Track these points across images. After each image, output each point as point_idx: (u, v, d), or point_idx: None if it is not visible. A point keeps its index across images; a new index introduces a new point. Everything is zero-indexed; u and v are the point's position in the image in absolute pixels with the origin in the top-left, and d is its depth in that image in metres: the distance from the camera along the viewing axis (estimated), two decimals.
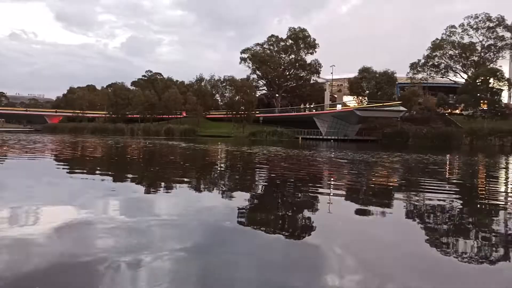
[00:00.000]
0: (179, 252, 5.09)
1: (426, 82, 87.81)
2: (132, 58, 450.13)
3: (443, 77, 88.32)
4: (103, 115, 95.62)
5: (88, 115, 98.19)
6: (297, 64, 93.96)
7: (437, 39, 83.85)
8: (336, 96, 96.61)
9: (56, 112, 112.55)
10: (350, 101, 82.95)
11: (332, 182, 13.59)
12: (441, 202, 9.33)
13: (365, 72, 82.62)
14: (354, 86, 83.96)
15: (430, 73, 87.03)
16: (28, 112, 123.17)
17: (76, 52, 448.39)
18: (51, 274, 4.25)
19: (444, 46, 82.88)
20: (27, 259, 4.70)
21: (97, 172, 15.26)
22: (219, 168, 18.09)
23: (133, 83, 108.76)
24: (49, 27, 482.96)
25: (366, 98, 79.47)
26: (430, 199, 9.77)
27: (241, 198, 9.41)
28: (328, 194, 10.56)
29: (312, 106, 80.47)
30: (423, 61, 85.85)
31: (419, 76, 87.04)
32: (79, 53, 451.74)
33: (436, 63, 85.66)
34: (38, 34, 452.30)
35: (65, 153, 25.09)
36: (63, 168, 16.90)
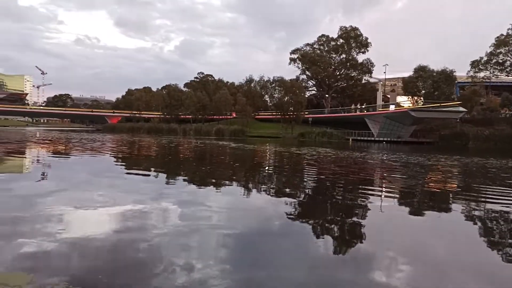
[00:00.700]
0: (227, 256, 5.22)
1: (489, 81, 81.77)
2: (185, 61, 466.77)
3: (508, 76, 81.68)
4: (158, 116, 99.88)
5: (144, 115, 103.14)
6: (348, 63, 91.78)
7: (502, 34, 77.68)
8: (389, 96, 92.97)
9: (113, 112, 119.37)
10: (404, 101, 79.47)
11: (385, 186, 13.15)
12: (505, 209, 8.69)
13: (421, 71, 78.64)
14: (409, 85, 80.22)
15: (493, 72, 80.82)
16: (90, 113, 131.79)
17: (134, 56, 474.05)
18: (113, 260, 4.56)
19: (510, 42, 76.62)
20: (86, 248, 5.08)
21: (152, 170, 16.01)
22: (267, 169, 18.20)
23: (186, 85, 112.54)
24: (110, 33, 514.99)
25: (421, 98, 75.65)
26: (491, 207, 9.13)
27: (290, 199, 9.42)
28: (380, 198, 10.24)
29: (363, 106, 78.21)
30: (485, 58, 79.88)
31: (481, 74, 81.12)
32: (137, 57, 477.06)
33: (501, 61, 79.35)
34: (100, 39, 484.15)
35: (122, 152, 26.60)
36: (121, 166, 17.94)
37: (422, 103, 72.14)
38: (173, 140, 48.87)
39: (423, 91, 77.96)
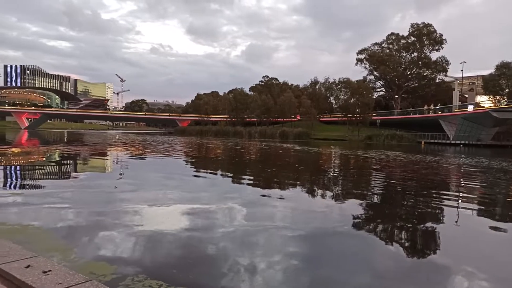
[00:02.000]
0: (291, 256, 5.25)
1: None
2: (251, 65, 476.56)
3: None
4: (225, 119, 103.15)
5: (211, 119, 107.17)
6: (420, 62, 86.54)
7: None
8: (466, 96, 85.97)
9: (180, 116, 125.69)
10: (485, 101, 72.88)
11: (462, 193, 12.20)
12: None
13: (504, 68, 71.49)
14: (490, 84, 73.39)
15: None
16: (163, 117, 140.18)
17: (203, 62, 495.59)
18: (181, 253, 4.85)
19: None
20: (160, 244, 5.45)
21: (219, 171, 16.59)
22: (333, 172, 17.88)
23: (251, 89, 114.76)
24: (181, 41, 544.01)
25: (505, 97, 68.85)
26: None
27: (356, 203, 9.17)
28: (456, 207, 9.54)
29: (437, 107, 73.24)
30: None
31: None
32: (205, 62, 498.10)
33: None
34: (172, 47, 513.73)
35: (192, 154, 27.90)
36: (190, 167, 18.85)
37: (505, 102, 65.59)
38: (239, 142, 50.05)
39: (507, 90, 70.85)
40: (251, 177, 14.57)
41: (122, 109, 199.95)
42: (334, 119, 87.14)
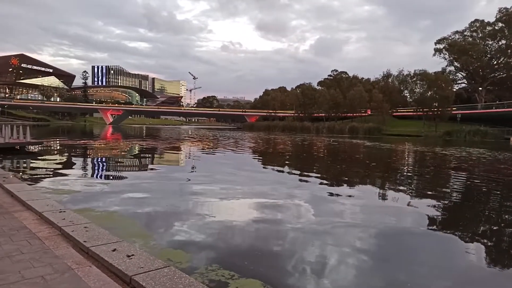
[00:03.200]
0: (360, 256, 5.09)
1: None
2: (320, 59, 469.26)
3: None
4: (292, 114, 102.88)
5: (279, 114, 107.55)
6: (508, 50, 77.98)
7: None
8: None
9: (248, 111, 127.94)
10: None
11: None
12: None
13: None
14: None
15: None
16: (232, 112, 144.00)
17: (271, 57, 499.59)
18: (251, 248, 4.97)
19: None
20: (231, 234, 5.62)
21: (287, 166, 16.63)
22: (406, 169, 16.93)
23: (319, 83, 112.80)
24: (251, 37, 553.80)
25: None
26: None
27: (432, 205, 8.59)
28: None
29: None
30: None
31: None
32: (274, 58, 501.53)
33: None
34: (242, 44, 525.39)
35: (260, 149, 28.31)
36: (258, 162, 19.16)
37: None
38: (306, 138, 49.63)
39: None
40: (319, 173, 14.38)
41: (194, 106, 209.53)
42: (408, 114, 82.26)
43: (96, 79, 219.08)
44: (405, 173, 15.53)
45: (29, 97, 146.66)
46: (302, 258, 4.70)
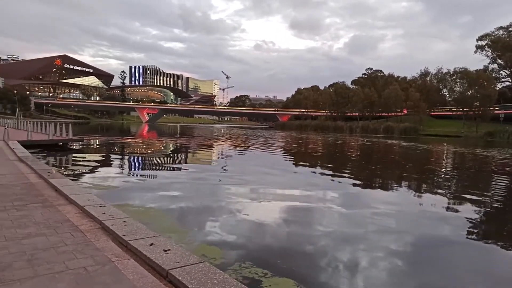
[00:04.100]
0: (393, 262, 4.96)
1: None
2: (354, 57, 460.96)
3: None
4: (325, 114, 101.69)
5: (311, 113, 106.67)
6: None
7: None
8: None
9: (280, 111, 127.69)
10: None
11: None
12: None
13: None
14: None
15: None
16: (264, 111, 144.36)
17: (304, 56, 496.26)
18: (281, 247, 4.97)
19: None
20: (262, 234, 5.65)
21: (319, 166, 16.46)
22: (445, 171, 16.29)
23: (353, 82, 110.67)
24: (283, 36, 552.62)
25: None
26: None
27: (472, 208, 8.21)
28: None
29: None
30: None
31: None
32: (306, 57, 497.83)
33: None
34: (275, 43, 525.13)
35: (292, 148, 28.19)
36: (290, 161, 19.08)
37: None
38: (339, 137, 48.88)
39: None
40: (353, 174, 14.13)
41: (227, 105, 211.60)
42: (447, 114, 79.06)
43: (133, 79, 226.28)
44: (443, 175, 14.95)
45: (70, 96, 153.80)
46: (334, 260, 4.65)
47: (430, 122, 76.07)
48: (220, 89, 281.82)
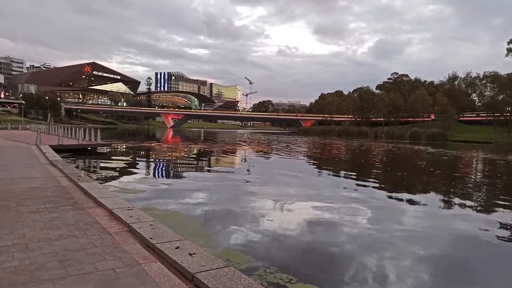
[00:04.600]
0: (420, 274, 4.81)
1: None
2: (379, 62, 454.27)
3: None
4: (349, 119, 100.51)
5: (335, 118, 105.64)
6: None
7: None
8: None
9: (303, 116, 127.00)
10: None
11: None
12: None
13: None
14: None
15: None
16: (287, 117, 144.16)
17: (328, 61, 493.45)
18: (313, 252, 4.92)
19: None
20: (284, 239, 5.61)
21: (343, 171, 16.24)
22: (475, 179, 15.74)
23: (378, 87, 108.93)
24: (307, 41, 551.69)
25: None
26: None
27: (504, 221, 7.84)
28: None
29: None
30: None
31: None
32: (330, 62, 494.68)
33: None
34: (298, 48, 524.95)
35: (315, 153, 27.97)
36: (313, 167, 18.91)
37: None
38: (364, 143, 48.12)
39: None
40: (378, 180, 13.86)
41: (249, 110, 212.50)
42: (476, 119, 76.56)
43: (159, 85, 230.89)
44: (473, 183, 14.44)
45: (99, 102, 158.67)
46: (361, 269, 4.56)
47: (459, 128, 73.80)
48: (243, 94, 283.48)
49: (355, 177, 14.59)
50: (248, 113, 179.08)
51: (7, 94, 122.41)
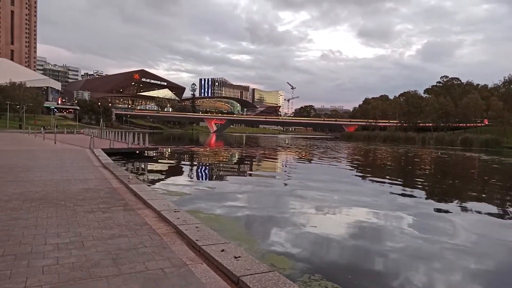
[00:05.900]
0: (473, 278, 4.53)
1: None
2: (427, 65, 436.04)
3: None
4: (394, 124, 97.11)
5: (380, 124, 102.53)
6: None
7: None
8: None
9: (346, 121, 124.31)
10: None
11: None
12: None
13: None
14: None
15: None
16: (329, 122, 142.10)
17: (372, 65, 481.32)
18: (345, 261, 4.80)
19: None
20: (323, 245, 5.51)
21: (388, 179, 15.69)
22: None
23: (426, 91, 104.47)
24: (351, 45, 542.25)
25: None
26: None
27: None
28: None
29: None
30: None
31: None
32: (375, 65, 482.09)
33: None
34: (342, 52, 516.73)
35: (359, 160, 27.27)
36: (357, 174, 18.44)
37: None
38: (411, 149, 46.24)
39: None
40: (426, 188, 13.26)
41: (291, 115, 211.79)
42: None
43: (202, 91, 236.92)
44: None
45: (146, 107, 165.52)
46: (407, 280, 4.38)
47: None
48: (285, 99, 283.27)
49: (401, 184, 14.06)
50: (290, 118, 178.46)
51: (63, 100, 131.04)
